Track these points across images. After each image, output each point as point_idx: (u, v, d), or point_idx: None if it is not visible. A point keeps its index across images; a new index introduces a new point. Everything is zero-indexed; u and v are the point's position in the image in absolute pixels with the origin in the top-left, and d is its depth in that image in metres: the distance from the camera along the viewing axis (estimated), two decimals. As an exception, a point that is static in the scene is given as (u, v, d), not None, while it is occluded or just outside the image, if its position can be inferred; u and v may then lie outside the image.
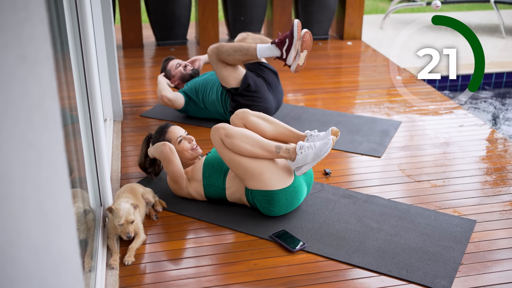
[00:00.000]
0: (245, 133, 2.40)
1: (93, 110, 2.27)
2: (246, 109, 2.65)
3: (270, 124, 2.61)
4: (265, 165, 2.38)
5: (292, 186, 2.41)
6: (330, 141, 2.33)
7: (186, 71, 3.70)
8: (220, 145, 2.41)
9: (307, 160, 2.33)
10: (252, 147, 2.36)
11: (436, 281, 2.08)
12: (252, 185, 2.40)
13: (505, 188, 2.80)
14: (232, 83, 3.34)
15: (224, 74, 3.34)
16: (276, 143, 2.39)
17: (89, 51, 2.21)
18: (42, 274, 0.94)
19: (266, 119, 2.62)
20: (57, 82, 0.94)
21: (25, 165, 0.88)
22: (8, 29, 0.83)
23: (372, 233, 2.38)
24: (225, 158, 2.42)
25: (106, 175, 2.39)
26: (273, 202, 2.39)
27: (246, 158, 2.38)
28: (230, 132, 2.38)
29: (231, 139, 2.37)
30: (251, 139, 2.38)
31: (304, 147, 2.34)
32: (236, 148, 2.37)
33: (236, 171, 2.42)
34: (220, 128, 2.41)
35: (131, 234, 2.20)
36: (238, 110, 2.66)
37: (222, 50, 3.30)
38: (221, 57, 3.31)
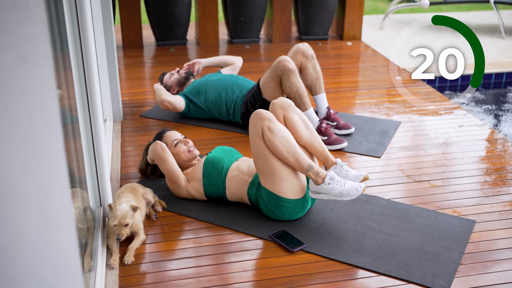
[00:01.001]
0: (287, 136, 2.35)
1: (93, 110, 2.27)
2: (291, 102, 2.58)
3: (308, 131, 2.52)
4: (289, 173, 2.36)
5: (303, 199, 2.42)
6: (361, 189, 2.29)
7: (180, 74, 3.73)
8: (258, 135, 2.35)
9: (330, 192, 2.30)
10: (288, 154, 2.32)
11: (435, 281, 2.08)
12: (268, 185, 2.38)
13: (504, 188, 2.80)
14: (268, 97, 3.31)
15: (271, 86, 3.29)
16: (309, 162, 2.34)
17: (89, 51, 2.21)
18: (41, 273, 0.94)
19: (306, 123, 2.54)
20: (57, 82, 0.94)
21: (25, 165, 0.88)
22: (8, 29, 0.83)
23: (372, 233, 2.38)
24: (256, 148, 2.37)
25: (106, 175, 2.40)
26: (280, 208, 2.39)
27: (275, 159, 2.34)
28: (274, 128, 2.32)
29: (273, 136, 2.32)
30: (290, 146, 2.33)
31: (334, 179, 2.30)
32: (272, 146, 2.33)
33: (260, 164, 2.38)
34: (266, 118, 2.34)
35: (121, 237, 2.20)
36: (284, 99, 2.58)
37: (291, 78, 3.22)
38: (284, 78, 3.23)
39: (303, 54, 3.43)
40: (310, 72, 3.43)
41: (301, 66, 3.44)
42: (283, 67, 3.22)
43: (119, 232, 2.20)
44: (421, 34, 5.95)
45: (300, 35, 5.80)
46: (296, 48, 3.46)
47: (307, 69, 3.43)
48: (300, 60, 3.43)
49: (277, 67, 3.25)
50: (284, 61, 3.24)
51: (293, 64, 3.25)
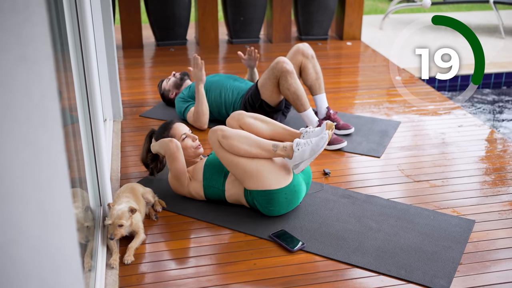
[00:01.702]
0: (242, 133, 2.41)
1: (93, 110, 2.28)
2: (242, 111, 2.66)
3: (266, 124, 2.62)
4: (263, 164, 2.39)
5: (292, 185, 2.42)
6: (326, 136, 2.34)
7: (175, 77, 3.75)
8: (218, 147, 2.42)
9: (304, 156, 2.34)
10: (250, 147, 2.37)
11: (435, 280, 2.08)
12: (251, 186, 2.40)
13: (504, 188, 2.80)
14: (267, 98, 3.31)
15: (268, 87, 3.29)
16: (273, 142, 2.40)
17: (89, 51, 2.22)
18: (42, 273, 0.95)
19: (261, 120, 2.63)
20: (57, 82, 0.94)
21: (25, 164, 0.88)
22: (8, 29, 0.83)
23: (371, 233, 2.38)
24: (223, 160, 2.43)
25: (106, 175, 2.40)
26: (272, 201, 2.40)
27: (244, 159, 2.38)
28: (227, 134, 2.39)
29: (229, 140, 2.38)
30: (248, 139, 2.39)
31: (300, 143, 2.35)
32: (234, 149, 2.38)
33: (234, 172, 2.43)
34: (217, 130, 2.42)
35: (114, 236, 2.20)
36: (233, 112, 2.68)
37: (288, 79, 3.21)
38: (281, 80, 3.22)
39: (303, 54, 3.43)
40: (310, 72, 3.43)
41: (301, 66, 3.44)
42: (281, 68, 3.22)
43: (112, 232, 2.20)
44: (421, 34, 5.96)
45: (300, 35, 5.80)
46: (296, 48, 3.46)
47: (307, 69, 3.43)
48: (300, 60, 3.42)
49: (275, 68, 3.25)
50: (281, 62, 3.23)
51: (291, 65, 3.24)
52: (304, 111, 3.26)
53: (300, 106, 3.25)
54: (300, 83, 3.29)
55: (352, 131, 3.39)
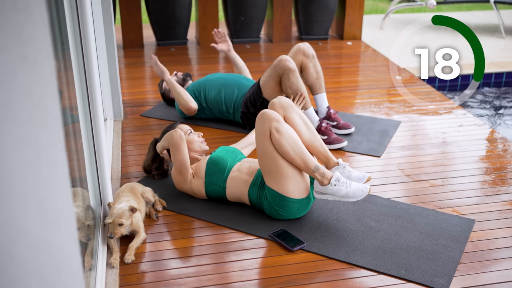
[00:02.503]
0: (294, 137, 2.35)
1: (93, 109, 2.28)
2: (291, 102, 2.59)
3: (308, 132, 2.52)
4: (295, 173, 2.37)
5: (307, 198, 2.43)
6: (367, 191, 2.30)
7: (177, 77, 3.74)
8: (265, 136, 2.35)
9: (336, 193, 2.31)
10: (295, 154, 2.33)
11: (434, 280, 2.08)
12: (273, 185, 2.39)
13: (504, 188, 2.81)
14: (268, 96, 3.30)
15: (271, 86, 3.28)
16: (316, 163, 2.34)
17: (89, 51, 2.22)
18: (42, 272, 0.95)
19: (306, 124, 2.54)
20: (58, 82, 0.95)
21: (25, 163, 0.88)
22: (9, 29, 0.84)
23: (371, 232, 2.39)
24: (262, 149, 2.37)
25: (106, 174, 2.40)
26: (285, 208, 2.40)
27: (282, 159, 2.34)
28: (282, 130, 2.32)
29: (280, 137, 2.32)
30: (297, 147, 2.33)
31: (340, 181, 2.31)
32: (279, 147, 2.33)
33: (266, 164, 2.38)
34: (273, 119, 2.34)
35: (113, 235, 2.21)
36: (284, 98, 2.59)
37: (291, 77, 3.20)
38: (283, 77, 3.22)
39: (303, 54, 3.43)
40: (311, 72, 3.43)
41: (301, 65, 3.44)
42: (284, 66, 3.22)
43: (112, 231, 2.21)
44: (421, 34, 5.96)
45: (300, 35, 5.80)
46: (297, 47, 3.46)
47: (307, 69, 3.43)
48: (300, 59, 3.43)
49: (277, 66, 3.25)
50: (284, 60, 3.24)
51: (293, 63, 3.24)
52: (305, 110, 3.27)
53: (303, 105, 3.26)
54: (302, 83, 3.29)
55: (352, 130, 3.40)
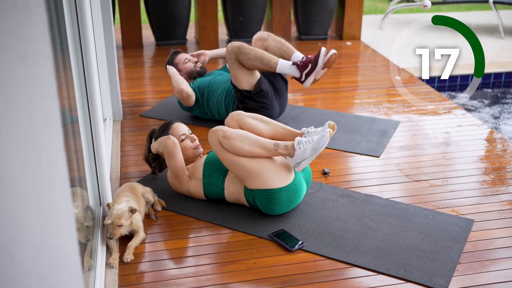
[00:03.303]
0: (242, 133, 2.41)
1: (92, 110, 2.28)
2: (241, 111, 2.66)
3: (266, 125, 2.62)
4: (265, 164, 2.39)
5: (293, 184, 2.43)
6: (327, 134, 2.34)
7: (195, 68, 3.68)
8: (219, 147, 2.42)
9: (305, 154, 2.34)
10: (251, 146, 2.38)
11: (434, 280, 2.08)
12: (253, 185, 2.41)
13: (503, 188, 2.81)
14: (244, 85, 3.33)
15: (238, 75, 3.32)
16: (274, 141, 2.40)
17: (88, 51, 2.22)
18: (41, 272, 0.95)
19: (261, 120, 2.63)
20: (57, 82, 0.95)
21: (25, 163, 0.89)
22: (8, 29, 0.84)
23: (371, 232, 2.39)
24: (224, 160, 2.43)
25: (106, 175, 2.40)
26: (274, 200, 2.40)
27: (245, 158, 2.38)
28: (228, 134, 2.39)
29: (229, 141, 2.38)
30: (249, 139, 2.39)
31: (302, 142, 2.35)
32: (235, 149, 2.38)
33: (236, 172, 2.43)
34: (218, 130, 2.42)
35: (113, 236, 2.21)
36: (232, 112, 2.67)
37: (244, 52, 3.26)
38: (240, 58, 3.27)
39: (260, 39, 3.49)
40: (273, 45, 3.46)
41: (266, 49, 3.47)
42: (232, 49, 3.29)
43: (111, 231, 2.21)
44: (421, 34, 5.96)
45: (299, 35, 5.80)
46: (253, 39, 3.54)
47: (269, 46, 3.47)
48: (260, 45, 3.48)
49: (228, 53, 3.31)
50: (229, 45, 3.32)
51: (238, 42, 3.32)
52: (276, 65, 3.26)
53: (270, 63, 3.26)
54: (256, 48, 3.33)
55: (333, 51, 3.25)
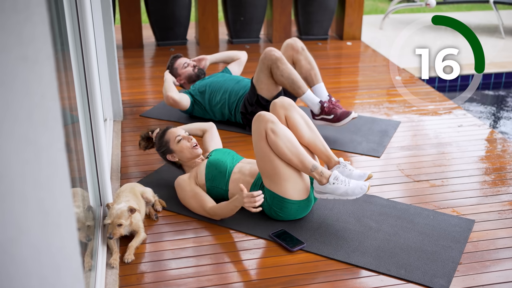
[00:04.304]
0: (290, 138, 2.34)
1: (93, 110, 2.28)
2: (293, 102, 2.58)
3: (309, 130, 2.52)
4: (293, 174, 2.36)
5: (307, 200, 2.42)
6: (366, 188, 2.29)
7: (194, 71, 3.68)
8: (261, 137, 2.34)
9: (335, 192, 2.31)
10: (292, 155, 2.32)
11: (434, 280, 2.08)
12: (271, 187, 2.38)
13: (503, 188, 2.81)
14: (264, 92, 3.30)
15: (263, 80, 3.28)
16: (314, 162, 2.34)
17: (89, 51, 2.22)
18: (42, 272, 0.95)
19: (308, 123, 2.54)
20: (58, 82, 0.95)
21: (25, 163, 0.88)
22: (9, 29, 0.84)
23: (371, 232, 2.39)
24: (259, 150, 2.36)
25: (106, 175, 2.40)
26: (284, 209, 2.39)
27: (279, 160, 2.33)
28: (278, 130, 2.32)
29: (276, 138, 2.31)
30: (294, 147, 2.32)
31: (339, 179, 2.30)
32: (276, 148, 2.32)
33: (263, 166, 2.37)
34: (269, 120, 2.33)
35: (113, 236, 2.20)
36: (285, 98, 2.58)
37: (280, 66, 3.22)
38: (273, 69, 3.23)
39: (293, 49, 3.44)
40: (303, 64, 3.43)
41: (293, 60, 3.44)
42: (270, 57, 3.23)
43: (111, 231, 2.21)
44: (421, 34, 5.96)
45: (300, 35, 5.80)
46: (285, 44, 3.48)
47: (299, 62, 3.43)
48: (291, 54, 3.44)
49: (264, 59, 3.26)
50: (269, 51, 3.25)
51: (279, 52, 3.26)
52: (303, 94, 3.25)
53: (298, 90, 3.23)
54: (293, 68, 3.29)
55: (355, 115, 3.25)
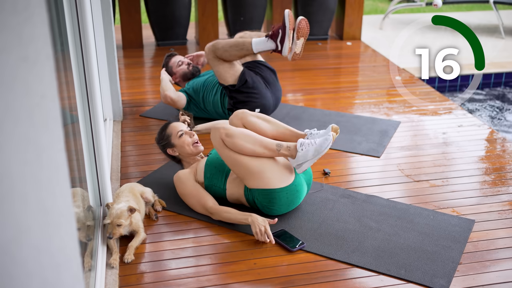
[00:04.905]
0: (245, 132, 2.41)
1: (93, 110, 2.28)
2: (245, 110, 2.66)
3: (270, 124, 2.61)
4: (266, 163, 2.39)
5: (293, 185, 2.42)
6: (330, 137, 2.34)
7: (188, 69, 3.69)
8: (221, 145, 2.41)
9: (307, 156, 2.34)
10: (253, 145, 2.37)
11: (434, 280, 2.08)
12: (253, 184, 2.40)
13: (503, 188, 2.81)
14: (229, 80, 3.35)
15: (221, 71, 3.35)
16: (277, 142, 2.40)
17: (89, 51, 2.22)
18: (42, 272, 0.95)
19: (265, 119, 2.62)
20: (58, 82, 0.95)
21: (25, 163, 0.89)
22: (9, 29, 0.84)
23: (371, 232, 2.39)
24: (226, 158, 2.43)
25: (106, 175, 2.40)
26: (274, 201, 2.40)
27: (247, 157, 2.38)
28: (231, 132, 2.38)
29: (232, 139, 2.37)
30: (252, 138, 2.39)
31: (304, 144, 2.35)
32: (237, 147, 2.37)
33: (237, 170, 2.43)
34: (221, 128, 2.41)
35: (112, 236, 2.21)
36: (237, 111, 2.66)
37: (218, 46, 3.31)
38: (217, 53, 3.31)
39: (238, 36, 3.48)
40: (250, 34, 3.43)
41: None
42: (207, 49, 3.33)
43: (110, 231, 2.21)
44: (421, 34, 5.96)
45: (300, 35, 5.80)
46: None
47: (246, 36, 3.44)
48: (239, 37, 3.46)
49: (207, 54, 3.35)
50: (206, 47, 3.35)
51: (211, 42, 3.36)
52: (252, 44, 3.25)
53: (245, 45, 3.25)
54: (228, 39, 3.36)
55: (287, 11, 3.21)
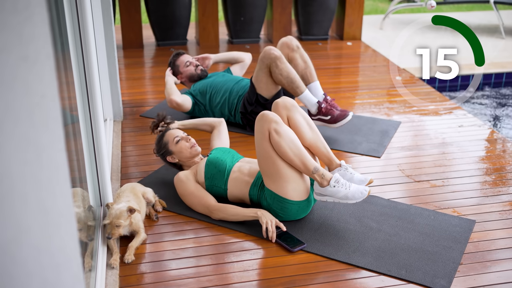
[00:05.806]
0: (293, 139, 2.33)
1: (93, 110, 2.28)
2: (295, 102, 2.56)
3: (311, 132, 2.51)
4: (295, 175, 2.35)
5: (307, 201, 2.42)
6: (366, 193, 2.29)
7: (196, 71, 3.66)
8: (264, 137, 2.32)
9: (335, 195, 2.31)
10: (294, 156, 2.31)
11: (435, 281, 2.08)
12: (272, 187, 2.37)
13: (504, 188, 2.80)
14: (263, 91, 3.30)
15: (262, 79, 3.27)
16: (315, 164, 2.33)
17: (89, 51, 2.22)
18: (42, 272, 0.95)
19: (310, 125, 2.53)
20: (58, 82, 0.95)
21: (25, 163, 0.88)
22: (9, 29, 0.84)
23: (372, 233, 2.38)
24: (261, 150, 2.35)
25: (106, 175, 2.40)
26: (284, 209, 2.39)
27: (281, 161, 2.33)
28: (281, 131, 2.31)
29: (280, 138, 2.30)
30: (297, 148, 2.31)
31: (339, 182, 2.30)
32: (278, 149, 2.31)
33: (264, 166, 2.37)
34: (272, 120, 2.32)
35: (111, 236, 2.20)
36: (287, 98, 2.56)
37: (279, 65, 3.20)
38: (272, 68, 3.22)
39: (288, 47, 3.43)
40: (298, 63, 3.42)
41: (288, 59, 3.42)
42: (269, 56, 3.22)
43: (109, 231, 2.20)
44: (421, 34, 5.96)
45: (300, 35, 5.80)
46: (280, 42, 3.47)
47: (294, 60, 3.42)
48: (286, 52, 3.43)
49: (264, 57, 3.25)
50: (268, 49, 3.24)
51: (278, 51, 3.25)
52: (301, 93, 3.24)
53: (296, 89, 3.23)
54: (292, 67, 3.28)
55: (350, 118, 3.24)
